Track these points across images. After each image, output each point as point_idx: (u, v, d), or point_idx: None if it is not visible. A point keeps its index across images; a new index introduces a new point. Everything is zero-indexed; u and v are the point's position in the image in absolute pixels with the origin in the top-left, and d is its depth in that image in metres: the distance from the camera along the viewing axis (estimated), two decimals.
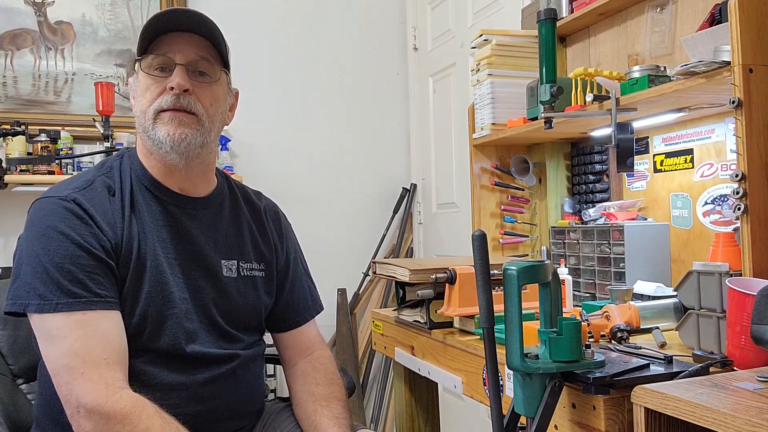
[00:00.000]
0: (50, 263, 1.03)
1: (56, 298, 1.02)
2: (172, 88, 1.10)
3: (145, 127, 1.14)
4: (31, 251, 1.05)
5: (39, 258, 1.04)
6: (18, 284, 1.05)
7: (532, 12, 1.97)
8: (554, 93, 1.45)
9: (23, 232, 1.10)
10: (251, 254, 1.28)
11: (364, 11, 3.30)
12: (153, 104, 1.12)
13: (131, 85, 1.20)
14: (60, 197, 1.09)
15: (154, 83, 1.12)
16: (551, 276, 0.98)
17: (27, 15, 2.69)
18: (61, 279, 1.03)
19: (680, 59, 1.53)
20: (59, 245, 1.04)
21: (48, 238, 1.05)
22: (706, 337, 1.11)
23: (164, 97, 1.11)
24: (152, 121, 1.12)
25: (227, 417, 1.20)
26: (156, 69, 1.13)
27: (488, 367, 1.01)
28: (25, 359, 1.41)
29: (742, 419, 0.72)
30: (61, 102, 2.74)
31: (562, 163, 2.02)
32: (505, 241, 2.07)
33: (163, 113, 1.12)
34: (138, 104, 1.15)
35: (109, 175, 1.17)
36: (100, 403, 0.99)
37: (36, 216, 1.09)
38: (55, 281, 1.03)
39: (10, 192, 2.53)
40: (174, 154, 1.13)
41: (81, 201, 1.09)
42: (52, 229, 1.05)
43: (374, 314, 1.81)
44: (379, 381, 3.10)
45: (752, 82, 1.14)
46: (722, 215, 1.51)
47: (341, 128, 3.24)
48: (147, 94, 1.13)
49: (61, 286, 1.03)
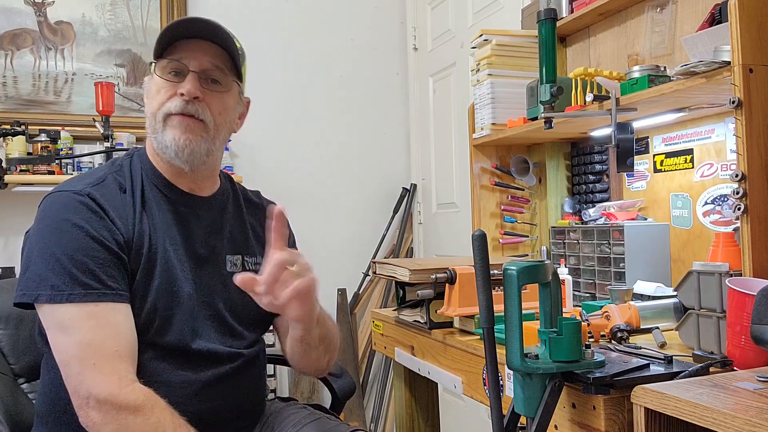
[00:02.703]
0: (63, 254, 1.04)
1: (69, 289, 1.03)
2: (182, 94, 1.13)
3: (154, 128, 1.16)
4: (43, 243, 1.06)
5: (51, 249, 1.04)
6: (28, 275, 1.05)
7: (532, 12, 1.97)
8: (554, 93, 1.45)
9: (33, 226, 1.10)
10: (255, 249, 1.30)
11: (364, 11, 3.30)
12: (162, 107, 1.14)
13: (145, 86, 1.22)
14: (74, 191, 1.10)
15: (165, 87, 1.14)
16: (551, 276, 0.98)
17: (27, 15, 2.69)
18: (74, 270, 1.03)
19: (680, 59, 1.53)
20: (73, 237, 1.05)
21: (61, 231, 1.05)
22: (706, 337, 1.11)
23: (174, 102, 1.13)
24: (161, 123, 1.14)
25: (230, 417, 1.21)
26: (170, 73, 1.15)
27: (488, 367, 1.01)
28: (26, 359, 1.40)
29: (742, 419, 0.72)
30: (61, 102, 2.74)
31: (562, 163, 2.02)
32: (505, 241, 2.07)
33: (172, 117, 1.14)
34: (149, 106, 1.18)
35: (119, 173, 1.18)
36: (113, 393, 1.00)
37: (49, 209, 1.09)
38: (67, 272, 1.03)
39: (10, 192, 2.53)
40: (178, 159, 1.15)
41: (95, 195, 1.10)
42: (65, 221, 1.06)
43: (374, 314, 1.81)
44: (379, 381, 3.10)
45: (752, 82, 1.14)
46: (722, 215, 1.51)
47: (341, 128, 3.24)
48: (158, 97, 1.15)
49: (74, 276, 1.03)
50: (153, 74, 1.17)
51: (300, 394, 2.89)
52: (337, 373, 1.58)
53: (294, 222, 1.45)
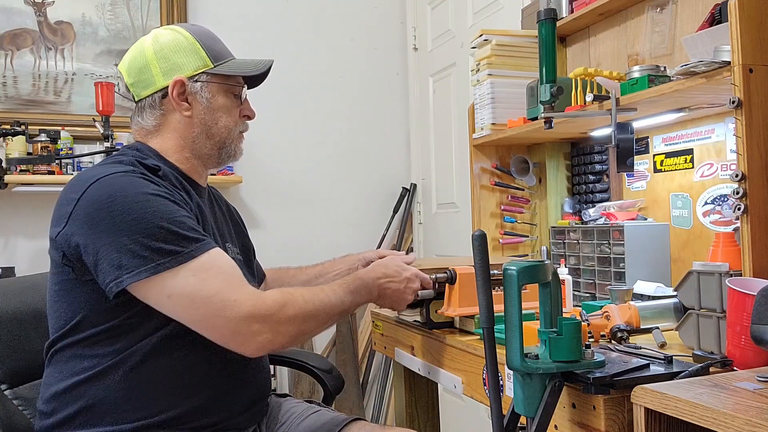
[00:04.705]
0: (162, 221, 1.06)
1: (187, 246, 1.07)
2: (247, 116, 1.32)
3: (224, 141, 1.28)
4: (130, 220, 1.05)
5: (146, 221, 1.05)
6: (131, 256, 1.04)
7: (532, 12, 1.97)
8: (554, 93, 1.45)
9: (96, 214, 1.07)
10: (235, 237, 1.41)
11: (364, 11, 3.30)
12: (238, 125, 1.30)
13: (198, 92, 1.24)
14: (122, 172, 1.12)
15: (234, 106, 1.29)
16: (551, 276, 0.98)
17: (27, 15, 2.69)
18: (180, 230, 1.07)
19: (680, 59, 1.53)
20: (160, 204, 1.09)
21: (144, 203, 1.07)
22: (706, 337, 1.11)
23: (244, 123, 1.32)
24: (235, 138, 1.30)
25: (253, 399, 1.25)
26: (232, 94, 1.29)
27: (488, 367, 1.01)
28: (8, 364, 1.34)
29: (742, 419, 0.72)
30: (61, 102, 2.74)
31: (562, 163, 2.02)
32: (505, 241, 2.07)
33: (242, 135, 1.32)
34: (221, 120, 1.27)
35: (142, 159, 1.19)
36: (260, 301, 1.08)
37: (111, 189, 1.08)
38: (175, 233, 1.07)
39: (10, 192, 2.53)
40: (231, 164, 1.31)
41: (144, 171, 1.14)
42: (142, 194, 1.08)
43: (374, 314, 1.81)
44: (379, 381, 3.10)
45: (752, 82, 1.14)
46: (722, 215, 1.51)
47: (341, 128, 3.24)
48: (233, 113, 1.29)
49: (183, 236, 1.08)
50: (209, 83, 1.25)
51: (300, 394, 2.89)
52: (327, 368, 1.63)
53: (294, 221, 1.46)
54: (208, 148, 1.27)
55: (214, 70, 1.25)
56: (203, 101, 1.24)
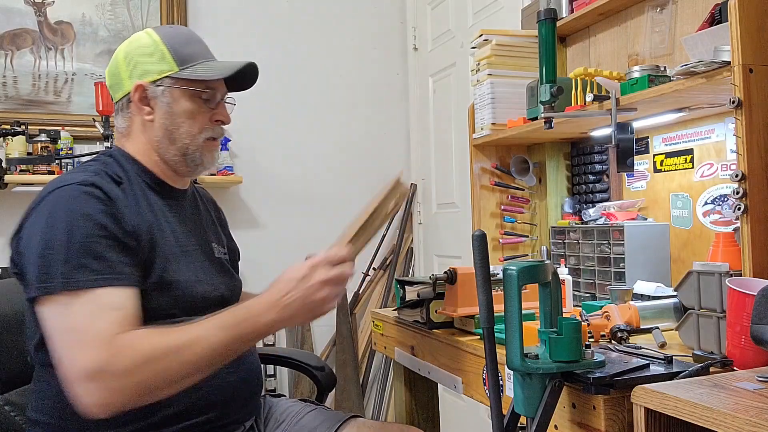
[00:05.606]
0: (77, 243, 1.04)
1: (84, 275, 1.03)
2: (219, 121, 1.25)
3: (186, 147, 1.23)
4: (58, 234, 1.05)
5: (66, 240, 1.04)
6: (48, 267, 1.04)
7: (532, 12, 1.97)
8: (554, 93, 1.45)
9: (38, 219, 1.09)
10: (221, 237, 1.40)
11: (364, 11, 3.29)
12: (204, 132, 1.24)
13: (158, 97, 1.22)
14: (78, 182, 1.10)
15: (201, 111, 1.24)
16: (551, 276, 0.98)
17: (27, 15, 2.69)
18: (84, 258, 1.04)
19: (680, 59, 1.53)
20: (85, 226, 1.06)
21: (72, 222, 1.06)
22: (706, 337, 1.11)
23: (215, 128, 1.25)
24: (201, 145, 1.24)
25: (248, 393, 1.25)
26: (200, 98, 1.23)
27: (488, 367, 1.01)
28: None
29: (742, 419, 0.72)
30: (61, 102, 2.74)
31: (562, 163, 2.02)
32: (505, 241, 2.07)
33: (212, 141, 1.26)
34: (183, 125, 1.22)
35: (108, 167, 1.19)
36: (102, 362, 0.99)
37: (59, 202, 1.09)
38: (80, 259, 1.04)
39: (10, 192, 2.53)
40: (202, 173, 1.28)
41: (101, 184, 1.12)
42: (74, 212, 1.07)
43: (374, 314, 1.81)
44: (379, 381, 3.10)
45: (752, 82, 1.14)
46: (722, 215, 1.51)
47: (341, 128, 3.24)
48: (198, 118, 1.23)
49: (84, 265, 1.04)
50: (177, 92, 1.21)
51: (300, 394, 2.89)
52: (318, 365, 1.67)
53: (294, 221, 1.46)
54: (172, 154, 1.23)
55: (179, 74, 1.21)
56: (164, 106, 1.22)
